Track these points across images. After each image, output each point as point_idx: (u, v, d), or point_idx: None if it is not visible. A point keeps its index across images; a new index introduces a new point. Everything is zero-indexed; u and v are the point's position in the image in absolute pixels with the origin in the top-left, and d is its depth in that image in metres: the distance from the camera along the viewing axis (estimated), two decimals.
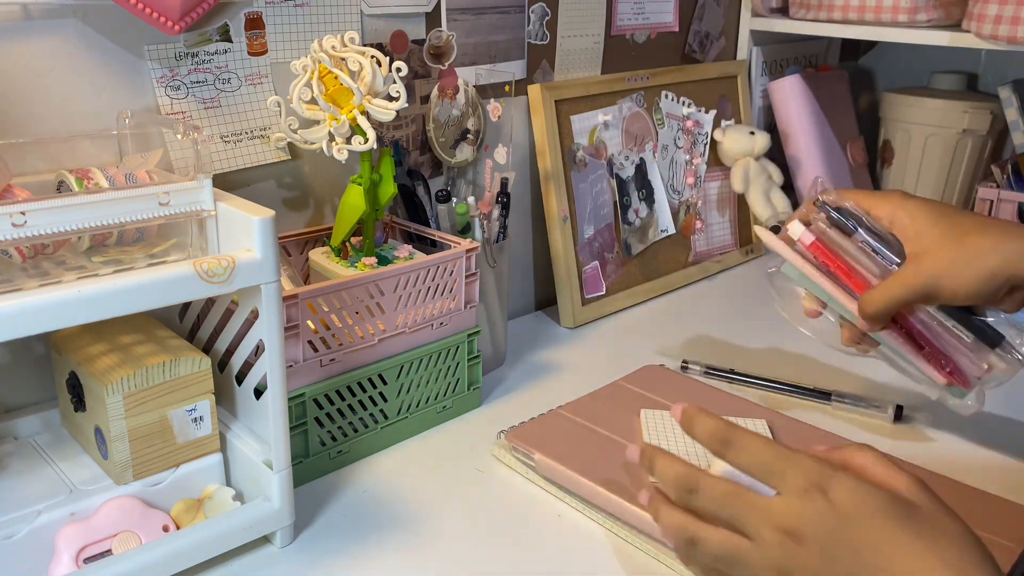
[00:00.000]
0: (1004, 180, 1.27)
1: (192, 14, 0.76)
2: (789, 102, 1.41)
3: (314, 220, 0.96)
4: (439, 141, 1.00)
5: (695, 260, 1.35)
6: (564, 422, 0.86)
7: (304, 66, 0.79)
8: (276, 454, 0.68)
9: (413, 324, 0.85)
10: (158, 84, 0.80)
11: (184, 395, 0.68)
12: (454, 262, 0.87)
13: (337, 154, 0.80)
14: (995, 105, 1.46)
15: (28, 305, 0.53)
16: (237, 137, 0.87)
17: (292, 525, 0.71)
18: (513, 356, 1.06)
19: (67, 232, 0.57)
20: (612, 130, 1.21)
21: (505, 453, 0.83)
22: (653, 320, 1.18)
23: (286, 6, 0.87)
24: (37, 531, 0.63)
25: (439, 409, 0.90)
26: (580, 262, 1.16)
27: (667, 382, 0.96)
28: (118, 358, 0.67)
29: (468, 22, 1.04)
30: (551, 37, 1.15)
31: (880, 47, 1.75)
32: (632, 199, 1.24)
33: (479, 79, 1.04)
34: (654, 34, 1.31)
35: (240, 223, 0.63)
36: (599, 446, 0.81)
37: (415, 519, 0.75)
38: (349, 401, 0.81)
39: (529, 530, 0.73)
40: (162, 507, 0.68)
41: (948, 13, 1.22)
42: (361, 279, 0.79)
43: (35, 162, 0.67)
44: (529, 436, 0.82)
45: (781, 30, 1.40)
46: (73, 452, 0.72)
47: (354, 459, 0.83)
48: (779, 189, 1.37)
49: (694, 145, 1.34)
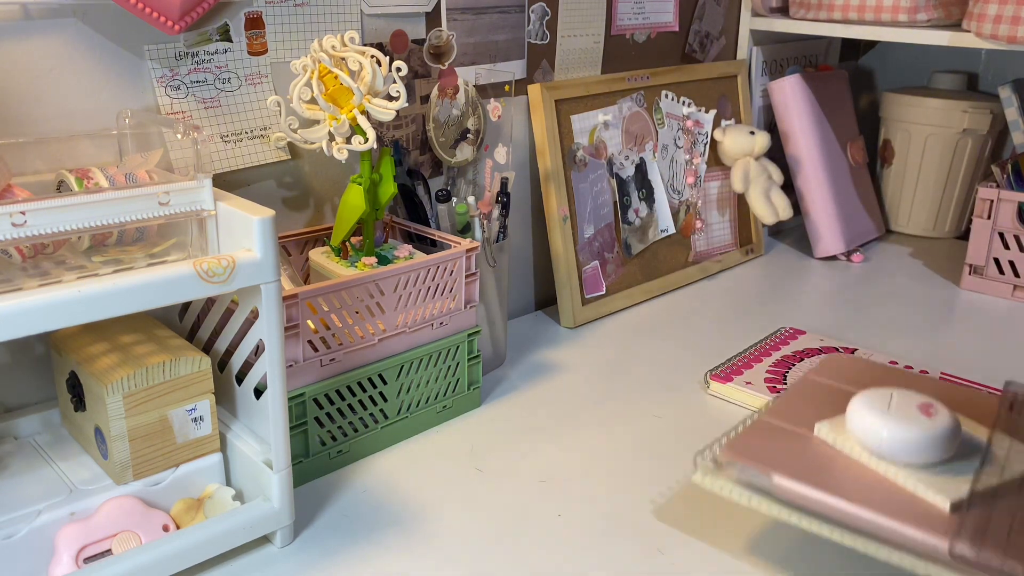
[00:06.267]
0: (1004, 180, 1.27)
1: (192, 14, 0.76)
2: (789, 102, 1.41)
3: (314, 220, 0.96)
4: (439, 141, 1.00)
5: (695, 260, 1.35)
6: (776, 431, 0.70)
7: (304, 66, 0.79)
8: (276, 454, 0.68)
9: (413, 324, 0.85)
10: (158, 84, 0.80)
11: (184, 395, 0.68)
12: (454, 262, 0.87)
13: (337, 154, 0.80)
14: (995, 105, 1.46)
15: (28, 305, 0.53)
16: (237, 137, 0.87)
17: (292, 525, 0.71)
18: (513, 356, 1.06)
19: (67, 232, 0.57)
20: (612, 130, 1.21)
21: (714, 479, 0.67)
22: (653, 320, 1.18)
23: (286, 6, 0.87)
24: (37, 531, 0.63)
25: (439, 409, 0.90)
26: (580, 262, 1.16)
27: (854, 369, 0.82)
28: (118, 358, 0.67)
29: (468, 22, 1.04)
30: (551, 37, 1.15)
31: (880, 47, 1.75)
32: (632, 199, 1.24)
33: (479, 79, 1.04)
34: (654, 34, 1.31)
35: (240, 223, 0.63)
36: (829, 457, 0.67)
37: (415, 519, 0.75)
38: (349, 401, 0.81)
39: (529, 530, 0.73)
40: (162, 507, 0.68)
41: (948, 13, 1.22)
42: (361, 279, 0.79)
43: (35, 162, 0.67)
44: (751, 452, 0.67)
45: (781, 30, 1.40)
46: (73, 452, 0.72)
47: (354, 459, 0.83)
48: (779, 189, 1.37)
49: (694, 145, 1.34)
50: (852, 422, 0.67)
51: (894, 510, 0.60)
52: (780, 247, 1.51)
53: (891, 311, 1.22)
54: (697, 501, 0.78)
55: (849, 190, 1.48)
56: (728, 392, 0.96)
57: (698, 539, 0.73)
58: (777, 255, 1.47)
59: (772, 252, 1.48)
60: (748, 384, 0.96)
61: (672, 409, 0.94)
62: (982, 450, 0.66)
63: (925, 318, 1.20)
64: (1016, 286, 1.27)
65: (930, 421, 0.64)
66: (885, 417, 0.65)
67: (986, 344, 1.12)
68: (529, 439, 0.88)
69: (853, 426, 0.67)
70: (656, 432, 0.89)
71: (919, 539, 0.58)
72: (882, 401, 0.67)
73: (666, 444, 0.87)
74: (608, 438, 0.88)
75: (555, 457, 0.84)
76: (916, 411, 0.65)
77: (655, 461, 0.84)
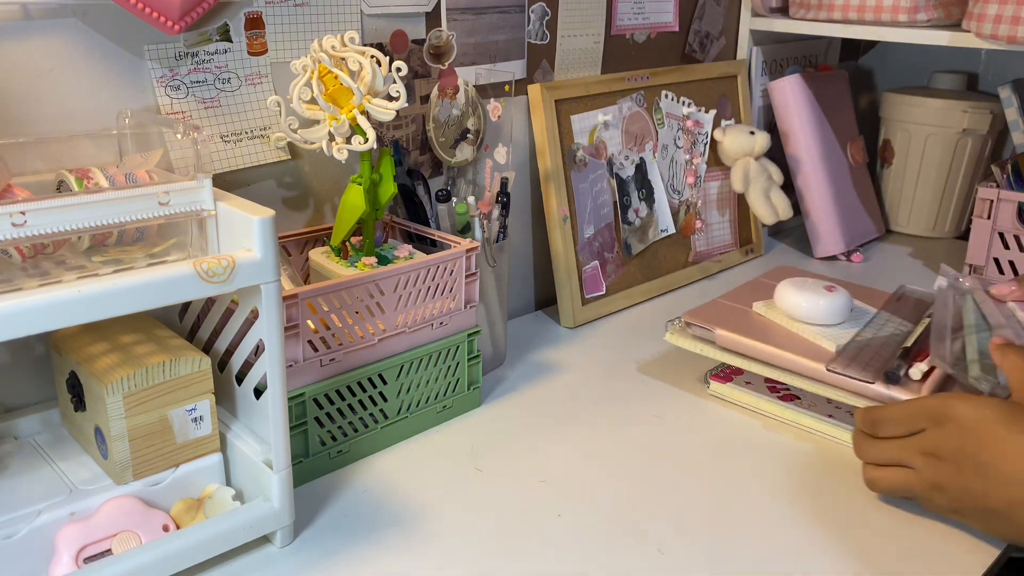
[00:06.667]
0: (1004, 180, 1.27)
1: (192, 14, 0.76)
2: (789, 102, 1.41)
3: (314, 220, 0.96)
4: (439, 141, 1.00)
5: (695, 260, 1.35)
6: (724, 307, 0.98)
7: (304, 66, 0.79)
8: (276, 454, 0.68)
9: (413, 324, 0.85)
10: (158, 84, 0.80)
11: (184, 395, 0.68)
12: (454, 262, 0.87)
13: (337, 154, 0.80)
14: (995, 105, 1.46)
15: (28, 305, 0.53)
16: (237, 137, 0.87)
17: (292, 525, 0.71)
18: (513, 356, 1.06)
19: (67, 232, 0.57)
20: (612, 130, 1.21)
21: (679, 336, 0.96)
22: (653, 320, 1.18)
23: (286, 6, 0.87)
24: (37, 531, 0.63)
25: (439, 409, 0.90)
26: (580, 262, 1.16)
27: (790, 274, 1.03)
28: (118, 358, 0.67)
29: (468, 22, 1.04)
30: (551, 37, 1.15)
31: (880, 47, 1.75)
32: (632, 199, 1.24)
33: (479, 79, 1.04)
34: (654, 34, 1.31)
35: (240, 223, 0.63)
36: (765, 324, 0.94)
37: (415, 519, 0.75)
38: (349, 401, 0.81)
39: (529, 530, 0.73)
40: (162, 507, 0.68)
41: (948, 13, 1.22)
42: (361, 279, 0.79)
43: (35, 162, 0.67)
44: (702, 317, 0.95)
45: (781, 30, 1.40)
46: (73, 452, 0.72)
47: (354, 459, 0.83)
48: (779, 189, 1.37)
49: (694, 145, 1.34)
50: (779, 296, 0.95)
51: (798, 350, 0.88)
52: (780, 247, 1.51)
53: None
54: (697, 500, 0.78)
55: (849, 190, 1.48)
56: (728, 392, 0.96)
57: (698, 539, 0.73)
58: (777, 255, 1.47)
59: (772, 252, 1.48)
60: (748, 384, 0.96)
61: (672, 409, 0.94)
62: (868, 317, 0.96)
63: None
64: None
65: (832, 295, 0.93)
66: (802, 292, 0.93)
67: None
68: (529, 439, 0.88)
69: (779, 299, 0.95)
70: (656, 432, 0.89)
71: (810, 367, 0.86)
72: (801, 283, 0.95)
73: (666, 444, 0.87)
74: (608, 438, 0.88)
75: (555, 457, 0.84)
76: (823, 290, 0.94)
77: (655, 461, 0.84)
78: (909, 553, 0.71)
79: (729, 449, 0.87)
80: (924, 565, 0.70)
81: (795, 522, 0.75)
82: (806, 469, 0.83)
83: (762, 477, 0.82)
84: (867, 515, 0.76)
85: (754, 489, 0.80)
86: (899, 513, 0.76)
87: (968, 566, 0.70)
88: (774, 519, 0.75)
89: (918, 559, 0.71)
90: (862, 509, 0.77)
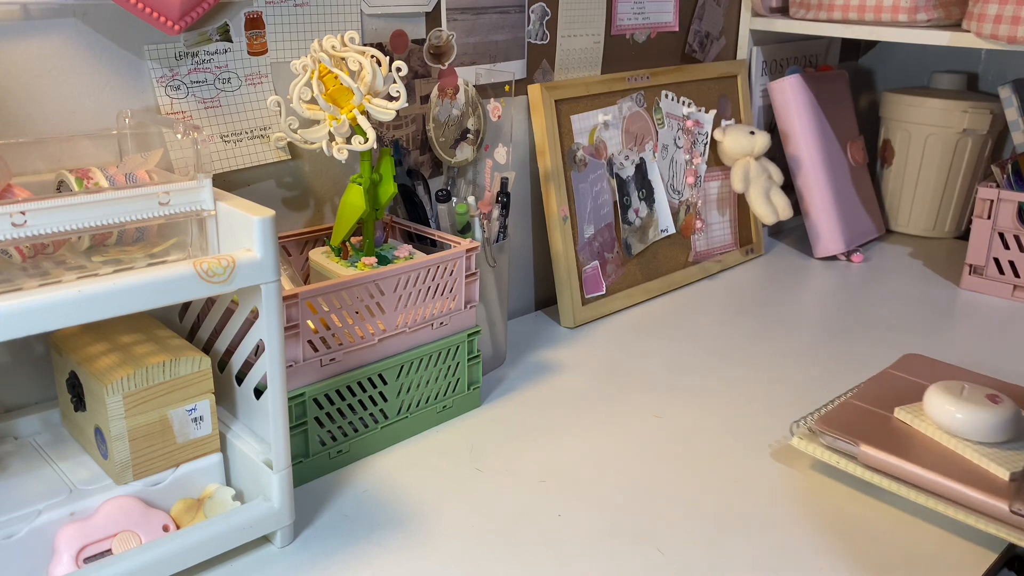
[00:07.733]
0: (1004, 180, 1.27)
1: (192, 14, 0.76)
2: (789, 102, 1.41)
3: (314, 220, 0.96)
4: (439, 141, 1.00)
5: (695, 260, 1.35)
6: (860, 411, 0.84)
7: (304, 66, 0.79)
8: (276, 454, 0.68)
9: (413, 324, 0.85)
10: (158, 84, 0.80)
11: (184, 395, 0.68)
12: (454, 262, 0.87)
13: (337, 154, 0.80)
14: (995, 105, 1.46)
15: (28, 305, 0.53)
16: (237, 137, 0.87)
17: (292, 525, 0.71)
18: (513, 356, 1.06)
19: (67, 232, 0.57)
20: (612, 130, 1.21)
21: (810, 444, 0.81)
22: (653, 320, 1.18)
23: (286, 6, 0.87)
24: (37, 531, 0.63)
25: (439, 409, 0.90)
26: (580, 262, 1.16)
27: (923, 366, 0.95)
28: (118, 358, 0.67)
29: (468, 22, 1.04)
30: (551, 37, 1.15)
31: (880, 47, 1.75)
32: (632, 199, 1.24)
33: (479, 79, 1.04)
34: (654, 34, 1.31)
35: (240, 223, 0.63)
36: (906, 433, 0.81)
37: (415, 519, 0.75)
38: (349, 401, 0.81)
39: (529, 530, 0.73)
40: (162, 507, 0.68)
41: (948, 13, 1.22)
42: (361, 279, 0.79)
43: (35, 162, 0.67)
44: (840, 424, 0.81)
45: (781, 30, 1.40)
46: (73, 452, 0.72)
47: (354, 459, 0.83)
48: (779, 189, 1.37)
49: (694, 145, 1.34)
50: (930, 404, 0.81)
51: (962, 477, 0.74)
52: (780, 247, 1.51)
53: (891, 311, 1.22)
54: (696, 500, 0.78)
55: (849, 190, 1.48)
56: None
57: (698, 539, 0.73)
58: (777, 255, 1.47)
59: (772, 252, 1.48)
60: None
61: (672, 409, 0.94)
62: None
63: (925, 318, 1.20)
64: (1016, 286, 1.27)
65: (997, 407, 0.78)
66: (959, 402, 0.79)
67: (986, 344, 1.12)
68: (529, 439, 0.88)
69: (930, 407, 0.80)
70: (656, 432, 0.89)
71: (982, 501, 0.72)
72: (956, 389, 0.81)
73: (666, 444, 0.87)
74: (608, 438, 0.88)
75: (555, 457, 0.84)
76: (985, 399, 0.79)
77: (655, 461, 0.84)
78: (909, 554, 0.71)
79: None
80: (924, 566, 0.70)
81: (795, 522, 0.75)
82: (806, 469, 0.83)
83: (762, 477, 0.82)
84: (866, 516, 0.76)
85: (754, 489, 0.80)
86: (899, 514, 0.76)
87: (968, 567, 0.70)
88: (774, 520, 0.75)
89: (918, 560, 0.71)
90: (862, 510, 0.77)
